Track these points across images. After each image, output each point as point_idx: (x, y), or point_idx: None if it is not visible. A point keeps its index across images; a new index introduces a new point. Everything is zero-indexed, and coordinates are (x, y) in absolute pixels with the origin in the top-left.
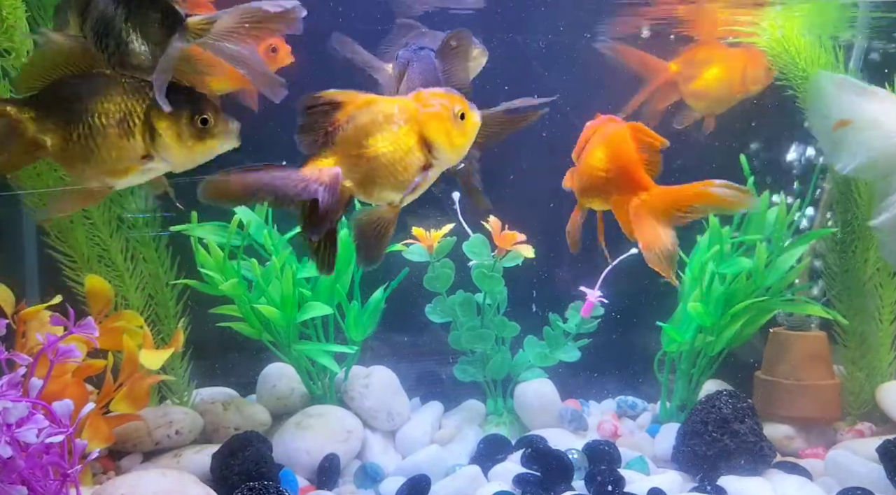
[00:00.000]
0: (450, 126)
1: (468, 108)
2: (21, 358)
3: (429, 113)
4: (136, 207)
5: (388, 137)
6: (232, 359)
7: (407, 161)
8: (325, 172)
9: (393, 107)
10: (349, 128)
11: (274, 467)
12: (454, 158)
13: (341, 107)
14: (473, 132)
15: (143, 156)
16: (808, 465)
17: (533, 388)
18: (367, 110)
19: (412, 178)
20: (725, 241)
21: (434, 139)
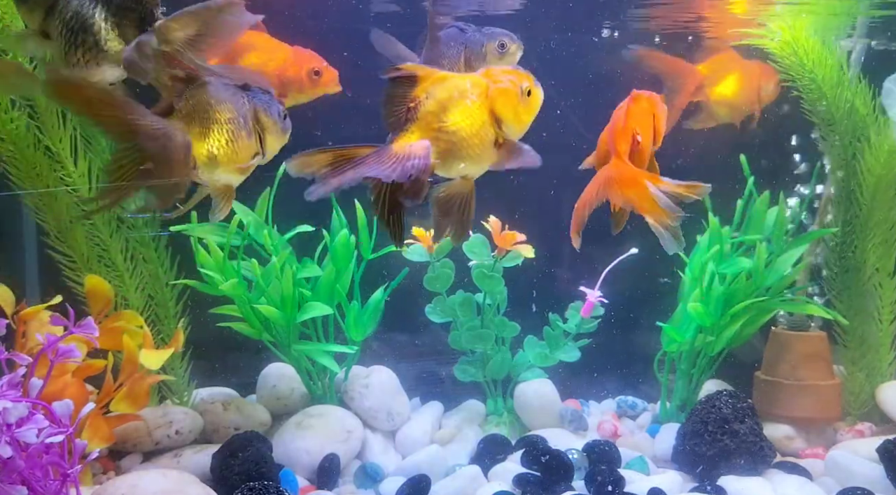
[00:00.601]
0: (517, 102)
1: (534, 85)
2: (21, 358)
3: (499, 89)
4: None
5: (464, 112)
6: (232, 358)
7: (481, 135)
8: (417, 146)
9: (466, 82)
10: (428, 103)
11: (274, 467)
12: (519, 133)
13: (419, 82)
14: (537, 108)
15: (254, 154)
16: (808, 465)
17: (533, 388)
18: (443, 86)
19: (486, 152)
20: (725, 241)
21: (503, 114)
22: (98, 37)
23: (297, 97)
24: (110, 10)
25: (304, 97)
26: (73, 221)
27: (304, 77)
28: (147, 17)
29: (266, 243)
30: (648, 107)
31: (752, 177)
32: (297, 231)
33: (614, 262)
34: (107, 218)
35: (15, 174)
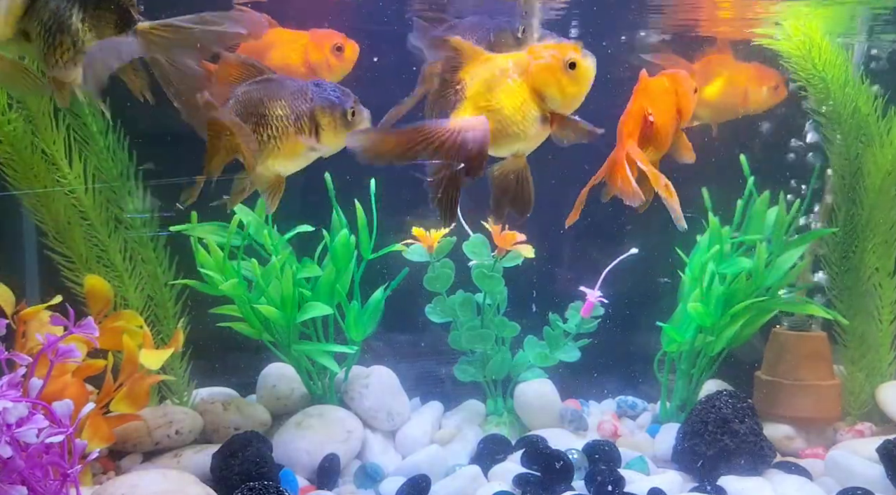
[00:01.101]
0: (560, 76)
1: (580, 57)
2: (21, 358)
3: (538, 65)
4: (134, 208)
5: (506, 91)
6: (232, 358)
7: (523, 112)
8: (473, 120)
9: (508, 62)
10: (473, 84)
11: (274, 467)
12: (569, 105)
13: (463, 65)
14: (587, 79)
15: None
16: (808, 465)
17: (533, 388)
18: (486, 66)
19: (531, 128)
20: (725, 241)
21: (545, 90)
22: (76, 37)
23: (330, 77)
24: (87, 11)
25: (334, 76)
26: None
27: (329, 57)
28: (125, 17)
29: (266, 243)
30: (670, 85)
31: (752, 177)
32: (297, 231)
33: (614, 262)
34: (104, 218)
35: (12, 175)
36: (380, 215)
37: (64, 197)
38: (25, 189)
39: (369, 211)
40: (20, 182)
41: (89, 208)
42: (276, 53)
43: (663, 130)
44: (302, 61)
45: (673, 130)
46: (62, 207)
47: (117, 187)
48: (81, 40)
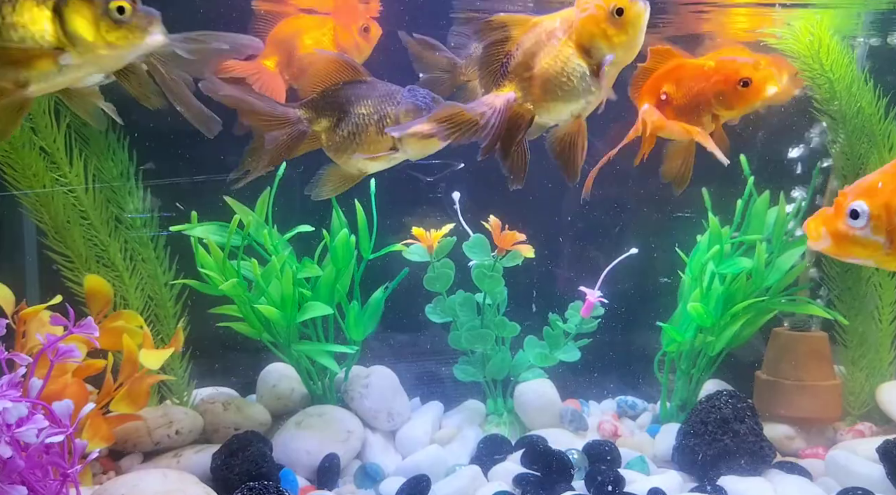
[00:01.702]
0: (605, 25)
1: (627, 2)
2: (21, 358)
3: (582, 18)
4: (134, 207)
5: (549, 53)
6: (232, 359)
7: (568, 71)
8: (499, 98)
9: (555, 21)
10: (518, 54)
11: (274, 467)
12: (621, 55)
13: (511, 38)
14: (636, 25)
15: (391, 148)
16: (808, 465)
17: (533, 388)
18: (532, 32)
19: (580, 86)
20: (725, 241)
21: (589, 42)
22: None
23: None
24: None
25: (362, 56)
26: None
27: (357, 37)
28: None
29: (266, 243)
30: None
31: (752, 177)
32: (297, 231)
33: (614, 262)
34: (105, 218)
35: (11, 175)
36: (380, 215)
37: (64, 196)
38: (24, 188)
39: (369, 211)
40: (19, 181)
41: (89, 208)
42: (306, 38)
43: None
44: (333, 45)
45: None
46: (62, 207)
47: (117, 187)
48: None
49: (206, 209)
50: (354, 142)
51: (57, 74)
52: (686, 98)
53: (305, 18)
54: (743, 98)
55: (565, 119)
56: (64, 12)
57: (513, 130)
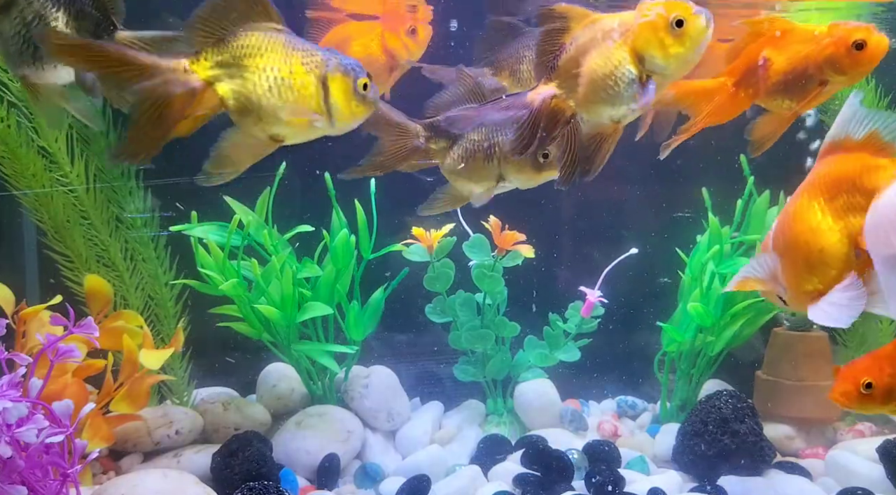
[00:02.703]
0: (663, 35)
1: (689, 14)
2: (21, 358)
3: (641, 24)
4: (135, 207)
5: (601, 53)
6: (232, 358)
7: (617, 75)
8: (537, 95)
9: (614, 22)
10: (571, 49)
11: (274, 467)
12: (674, 67)
13: (567, 31)
14: (695, 40)
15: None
16: (808, 465)
17: (533, 388)
18: (589, 29)
19: (626, 92)
20: (725, 241)
21: (644, 50)
22: None
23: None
24: (71, 14)
25: (412, 58)
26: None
27: (405, 40)
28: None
29: (266, 243)
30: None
31: (752, 176)
32: (297, 231)
33: (614, 262)
34: (105, 218)
35: (11, 174)
36: (380, 215)
37: (63, 196)
38: (24, 188)
39: (369, 211)
40: (17, 181)
41: (90, 208)
42: (355, 45)
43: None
44: (381, 49)
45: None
46: (61, 207)
47: (118, 187)
48: None
49: (206, 209)
50: (463, 167)
51: (305, 133)
52: (791, 63)
53: (355, 25)
54: (857, 62)
55: (604, 122)
56: (329, 84)
57: (549, 126)
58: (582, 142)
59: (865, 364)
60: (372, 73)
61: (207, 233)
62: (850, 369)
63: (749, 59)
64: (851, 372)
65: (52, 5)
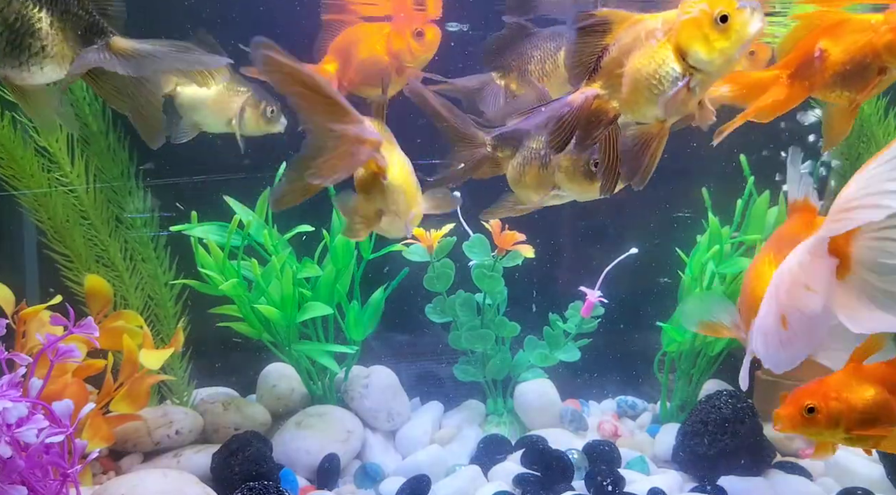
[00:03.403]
0: (707, 30)
1: (733, 9)
2: (21, 358)
3: (683, 20)
4: (135, 207)
5: (645, 52)
6: (232, 358)
7: (660, 73)
8: (578, 96)
9: (658, 21)
10: (614, 49)
11: (274, 467)
12: (719, 64)
13: (611, 31)
14: (740, 35)
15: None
16: (808, 465)
17: (533, 388)
18: (633, 29)
19: (669, 90)
20: (725, 241)
21: (688, 47)
22: (45, 41)
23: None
24: (55, 15)
25: (418, 61)
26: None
27: (411, 42)
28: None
29: (266, 243)
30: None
31: (752, 176)
32: (297, 231)
33: (614, 262)
34: (105, 217)
35: (10, 174)
36: None
37: (63, 196)
38: (23, 188)
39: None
40: (16, 182)
41: (89, 207)
42: (362, 47)
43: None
44: (386, 51)
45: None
46: (61, 207)
47: (118, 187)
48: (51, 44)
49: (206, 209)
50: (522, 174)
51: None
52: (848, 53)
53: (364, 26)
54: None
55: (649, 121)
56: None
57: (590, 127)
58: (627, 146)
59: (811, 389)
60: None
61: (207, 233)
62: (795, 393)
63: (804, 52)
64: (796, 397)
65: (33, 5)
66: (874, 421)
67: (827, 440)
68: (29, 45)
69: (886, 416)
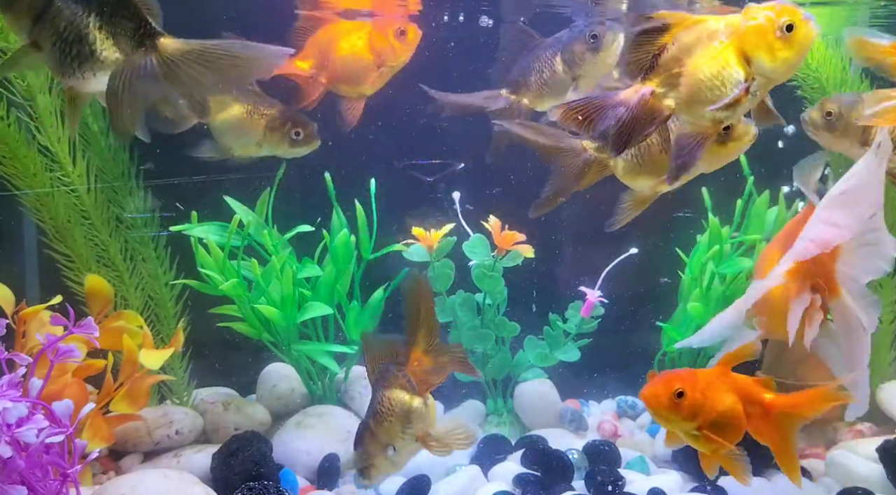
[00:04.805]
0: (771, 39)
1: (799, 20)
2: (21, 358)
3: (749, 27)
4: (135, 207)
5: (707, 54)
6: (232, 358)
7: (723, 76)
8: (635, 93)
9: (719, 23)
10: (673, 49)
11: (274, 467)
12: (781, 71)
13: (669, 29)
14: (802, 45)
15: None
16: (808, 465)
17: (533, 388)
18: (693, 29)
19: (730, 93)
20: (725, 241)
21: (752, 53)
22: (94, 47)
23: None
24: (104, 19)
25: (399, 60)
26: None
27: (393, 41)
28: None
29: (266, 243)
30: None
31: (752, 176)
32: (297, 231)
33: (614, 262)
34: (105, 217)
35: (12, 174)
36: (380, 215)
37: (64, 196)
38: (24, 188)
39: (369, 211)
40: (17, 181)
41: (90, 207)
42: (343, 44)
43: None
44: (368, 49)
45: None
46: (62, 207)
47: (118, 187)
48: (100, 49)
49: (206, 209)
50: (641, 165)
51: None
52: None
53: (345, 24)
54: None
55: (704, 123)
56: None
57: (643, 124)
58: (679, 142)
59: (684, 375)
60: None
61: (207, 233)
62: (666, 375)
63: None
64: (667, 379)
65: (83, 12)
66: (724, 428)
67: (676, 429)
68: (80, 52)
69: (734, 429)
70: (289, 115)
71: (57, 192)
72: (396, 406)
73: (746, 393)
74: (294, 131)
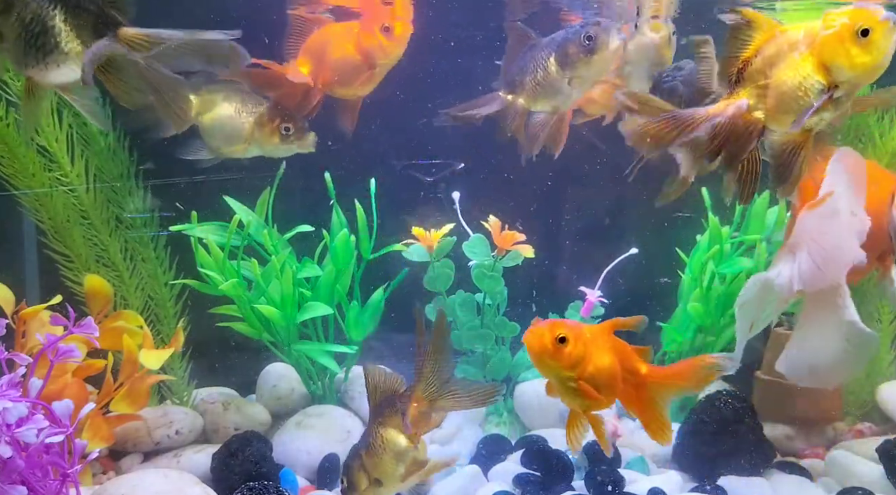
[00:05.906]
0: (848, 45)
1: (875, 23)
2: (21, 358)
3: (825, 35)
4: (135, 207)
5: (789, 64)
6: (232, 358)
7: (805, 86)
8: (729, 107)
9: (799, 33)
10: (757, 61)
11: (274, 467)
12: (863, 76)
13: (753, 41)
14: (881, 49)
15: None
16: (808, 465)
17: (533, 388)
18: (774, 41)
19: (814, 102)
20: (725, 241)
21: (829, 61)
22: (58, 38)
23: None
24: (69, 11)
25: (389, 57)
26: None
27: (380, 38)
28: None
29: (266, 243)
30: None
31: None
32: (297, 231)
33: (614, 262)
34: (105, 217)
35: (11, 173)
36: (380, 215)
37: (63, 196)
38: (23, 188)
39: (369, 211)
40: (16, 181)
41: (90, 207)
42: (333, 48)
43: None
44: (356, 49)
45: None
46: (61, 206)
47: (118, 187)
48: (65, 41)
49: (206, 209)
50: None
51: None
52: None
53: (334, 26)
54: None
55: (793, 131)
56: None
57: (742, 140)
58: (775, 154)
59: (570, 323)
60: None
61: (207, 233)
62: (552, 322)
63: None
64: (553, 323)
65: (48, 4)
66: (600, 386)
67: (553, 377)
68: (44, 44)
69: (609, 388)
70: (277, 111)
71: (56, 192)
72: (389, 445)
73: (624, 358)
74: (284, 126)
